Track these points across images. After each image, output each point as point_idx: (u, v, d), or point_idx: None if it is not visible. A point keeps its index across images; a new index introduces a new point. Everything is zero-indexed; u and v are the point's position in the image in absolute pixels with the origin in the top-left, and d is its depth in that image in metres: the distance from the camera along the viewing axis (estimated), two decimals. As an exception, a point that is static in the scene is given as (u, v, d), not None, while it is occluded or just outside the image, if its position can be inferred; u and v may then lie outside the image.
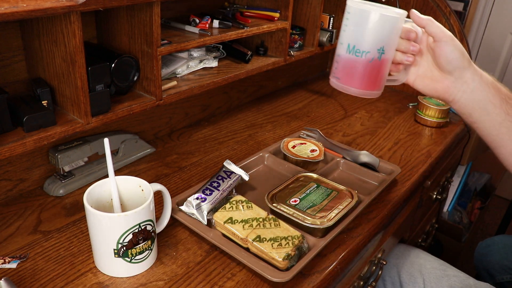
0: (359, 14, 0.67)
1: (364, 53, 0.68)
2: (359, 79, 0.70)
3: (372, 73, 0.70)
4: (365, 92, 0.71)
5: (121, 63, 0.80)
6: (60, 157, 0.84)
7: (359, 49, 0.68)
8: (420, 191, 1.15)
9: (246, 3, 1.18)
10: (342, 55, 0.70)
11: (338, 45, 0.71)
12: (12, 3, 0.59)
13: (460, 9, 2.42)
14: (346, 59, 0.70)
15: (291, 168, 0.96)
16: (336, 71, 0.72)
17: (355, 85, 0.71)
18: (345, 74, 0.71)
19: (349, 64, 0.70)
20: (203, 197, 0.79)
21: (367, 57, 0.68)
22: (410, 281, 1.08)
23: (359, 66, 0.69)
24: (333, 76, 0.73)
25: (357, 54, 0.68)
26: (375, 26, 0.68)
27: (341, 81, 0.71)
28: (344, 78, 0.71)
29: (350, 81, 0.71)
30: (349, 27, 0.69)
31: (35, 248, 0.71)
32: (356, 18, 0.68)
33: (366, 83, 0.71)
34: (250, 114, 1.28)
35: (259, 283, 0.68)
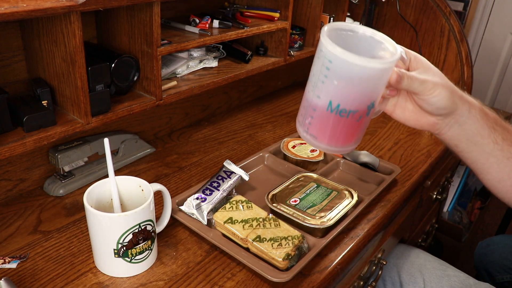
0: (346, 67, 0.51)
1: (351, 113, 0.55)
2: (343, 138, 0.58)
3: (358, 130, 0.58)
4: (347, 148, 0.59)
5: (121, 63, 0.80)
6: (60, 157, 0.84)
7: (344, 108, 0.54)
8: (420, 191, 1.15)
9: (246, 3, 1.18)
10: (320, 112, 0.55)
11: (313, 96, 0.56)
12: (12, 3, 0.59)
13: (460, 9, 2.42)
14: (325, 118, 0.55)
15: (291, 168, 0.96)
16: (310, 127, 0.57)
17: (336, 144, 0.58)
18: (323, 133, 0.57)
19: (329, 123, 0.56)
20: (203, 197, 0.79)
21: (354, 116, 0.55)
22: (410, 281, 1.08)
23: (343, 126, 0.56)
24: (306, 132, 0.58)
25: (342, 115, 0.54)
26: (367, 83, 0.54)
27: (318, 140, 0.58)
28: (322, 137, 0.57)
29: (330, 140, 0.57)
30: (331, 80, 0.53)
31: (35, 248, 0.71)
32: (341, 72, 0.52)
33: (350, 140, 0.58)
34: (250, 114, 1.28)
35: (259, 283, 0.68)
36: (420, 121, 0.63)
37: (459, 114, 0.62)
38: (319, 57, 0.54)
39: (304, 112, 0.58)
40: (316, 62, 0.55)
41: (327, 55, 0.52)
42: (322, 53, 0.53)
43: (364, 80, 0.53)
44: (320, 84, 0.54)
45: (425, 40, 1.46)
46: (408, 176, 1.00)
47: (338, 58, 0.51)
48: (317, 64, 0.54)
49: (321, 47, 0.53)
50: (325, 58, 0.52)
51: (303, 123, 0.59)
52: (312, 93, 0.56)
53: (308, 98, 0.57)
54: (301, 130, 0.59)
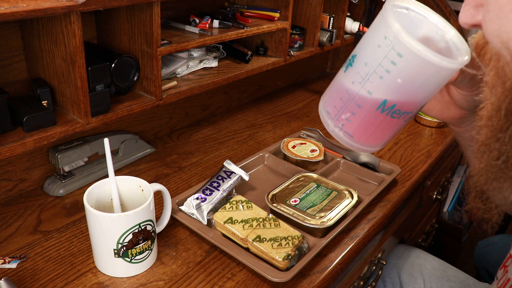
0: (420, 66, 0.43)
1: (404, 114, 0.48)
2: (380, 138, 0.51)
3: (399, 130, 0.52)
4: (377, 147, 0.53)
5: (121, 63, 0.80)
6: (60, 157, 0.84)
7: (400, 110, 0.47)
8: (420, 191, 1.15)
9: (246, 3, 1.18)
10: (367, 110, 0.47)
11: (360, 90, 0.47)
12: (12, 3, 0.59)
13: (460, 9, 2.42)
14: (372, 118, 0.48)
15: (291, 168, 0.96)
16: (347, 124, 0.49)
17: (371, 143, 0.51)
18: (364, 133, 0.50)
19: (375, 123, 0.48)
20: (203, 197, 0.79)
21: (406, 117, 0.48)
22: (410, 281, 1.08)
23: (389, 127, 0.49)
24: (340, 128, 0.50)
25: (394, 116, 0.47)
26: (436, 82, 0.46)
27: (354, 139, 0.50)
28: (361, 137, 0.50)
29: (367, 140, 0.50)
30: (394, 78, 0.44)
31: (35, 248, 0.71)
32: (411, 70, 0.44)
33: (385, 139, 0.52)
34: (250, 114, 1.28)
35: (259, 283, 0.68)
36: (445, 113, 0.60)
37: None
38: (380, 45, 0.44)
39: (340, 105, 0.49)
40: (375, 51, 0.45)
41: (398, 47, 0.43)
42: (388, 42, 0.43)
43: (434, 80, 0.45)
44: (377, 78, 0.45)
45: (425, 40, 1.45)
46: (408, 176, 1.00)
47: (414, 55, 0.42)
48: (376, 53, 0.44)
49: (387, 34, 0.43)
50: (392, 50, 0.43)
51: (336, 117, 0.50)
52: (359, 86, 0.46)
53: (350, 90, 0.47)
54: (332, 124, 0.50)
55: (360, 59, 0.47)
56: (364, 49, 0.47)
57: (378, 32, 0.44)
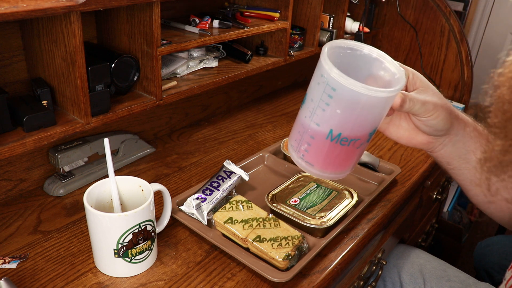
0: (352, 96, 0.48)
1: (352, 141, 0.52)
2: (339, 165, 0.56)
3: (357, 157, 0.57)
4: (342, 174, 0.57)
5: (121, 63, 0.80)
6: (60, 157, 0.84)
7: (346, 137, 0.52)
8: (420, 191, 1.15)
9: (246, 3, 1.18)
10: (318, 140, 0.53)
11: (310, 123, 0.53)
12: (12, 3, 0.59)
13: (460, 9, 2.42)
14: (324, 146, 0.53)
15: (291, 168, 0.96)
16: (306, 154, 0.55)
17: (332, 170, 0.56)
18: (321, 161, 0.55)
19: (328, 151, 0.53)
20: (203, 197, 0.79)
21: (356, 144, 0.53)
22: (410, 281, 1.08)
23: (343, 154, 0.54)
24: (301, 158, 0.55)
25: (343, 143, 0.52)
26: (372, 111, 0.51)
27: (314, 167, 0.55)
28: (319, 165, 0.55)
29: (326, 167, 0.55)
30: (333, 109, 0.50)
31: (35, 248, 0.71)
32: (346, 101, 0.49)
33: (347, 166, 0.57)
34: (250, 114, 1.28)
35: (259, 283, 0.68)
36: (413, 140, 0.63)
37: (454, 133, 0.62)
38: (319, 82, 0.50)
39: (299, 138, 0.55)
40: (315, 88, 0.51)
41: (331, 82, 0.48)
42: (324, 79, 0.49)
43: (370, 108, 0.51)
44: (320, 111, 0.51)
45: (425, 40, 1.46)
46: (408, 176, 1.00)
47: (344, 87, 0.47)
48: (316, 90, 0.51)
49: (323, 72, 0.49)
50: (327, 85, 0.49)
51: (297, 149, 0.55)
52: (309, 119, 0.52)
53: (304, 124, 0.54)
54: (295, 156, 0.56)
55: (308, 96, 0.53)
56: (311, 87, 0.53)
57: (318, 72, 0.51)
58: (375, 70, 0.55)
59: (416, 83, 0.58)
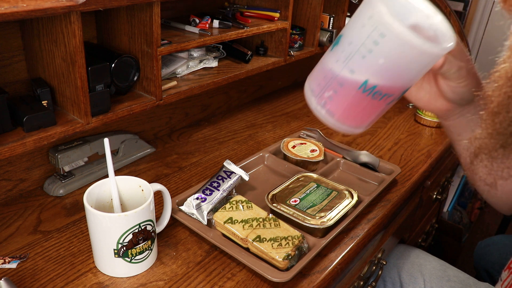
0: (402, 48, 0.43)
1: (385, 96, 0.47)
2: (361, 119, 0.51)
3: (381, 113, 0.52)
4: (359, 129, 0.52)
5: (121, 63, 0.80)
6: (60, 157, 0.84)
7: (380, 91, 0.46)
8: (420, 191, 1.15)
9: (246, 3, 1.18)
10: (348, 89, 0.47)
11: (343, 69, 0.47)
12: (12, 3, 0.59)
13: (460, 9, 2.42)
14: (353, 97, 0.48)
15: (291, 168, 0.96)
16: (329, 102, 0.49)
17: (351, 123, 0.51)
18: (344, 112, 0.49)
19: (356, 103, 0.48)
20: (203, 197, 0.79)
21: (387, 100, 0.48)
22: (410, 281, 1.08)
23: (370, 108, 0.49)
24: (322, 106, 0.50)
25: (375, 97, 0.47)
26: (418, 67, 0.46)
27: (335, 118, 0.50)
28: (341, 115, 0.50)
29: (348, 119, 0.50)
30: (376, 58, 0.44)
31: (35, 248, 0.71)
32: (393, 51, 0.44)
33: (366, 121, 0.52)
34: (250, 114, 1.28)
35: (259, 283, 0.68)
36: (432, 104, 0.59)
37: (474, 105, 0.59)
38: (365, 25, 0.44)
39: (323, 83, 0.49)
40: (359, 30, 0.45)
41: (381, 27, 0.43)
42: (373, 22, 0.43)
43: (417, 63, 0.45)
44: (359, 58, 0.45)
45: (425, 40, 1.45)
46: (408, 176, 1.00)
47: (396, 36, 0.42)
48: (359, 33, 0.45)
49: (372, 14, 0.43)
50: (375, 30, 0.43)
51: (319, 95, 0.50)
52: (342, 65, 0.46)
53: (334, 69, 0.47)
54: (315, 102, 0.50)
55: (345, 39, 0.47)
56: (350, 29, 0.47)
57: (364, 12, 0.45)
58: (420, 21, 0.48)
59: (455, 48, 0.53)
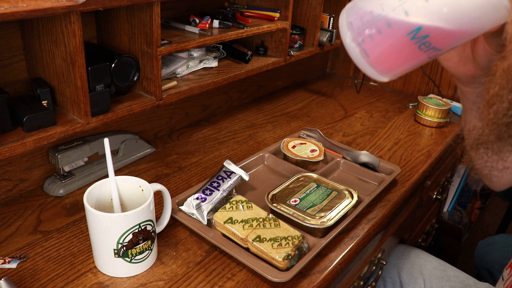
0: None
1: (433, 49, 0.44)
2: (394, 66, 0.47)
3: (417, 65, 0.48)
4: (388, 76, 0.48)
5: (121, 63, 0.80)
6: (60, 157, 0.84)
7: (430, 42, 0.43)
8: (420, 191, 1.15)
9: (246, 3, 1.18)
10: (395, 32, 0.43)
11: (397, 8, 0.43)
12: (12, 3, 0.59)
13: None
14: (398, 41, 0.44)
15: (291, 168, 0.96)
16: (369, 41, 0.45)
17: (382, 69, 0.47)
18: (381, 56, 0.45)
19: (397, 49, 0.44)
20: (203, 197, 0.79)
21: (432, 53, 0.45)
22: (410, 281, 1.08)
23: (411, 57, 0.45)
24: (358, 43, 0.45)
25: (422, 48, 0.44)
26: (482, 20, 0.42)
27: (369, 60, 0.46)
28: (376, 59, 0.46)
29: (381, 64, 0.46)
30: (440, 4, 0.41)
31: (35, 248, 0.71)
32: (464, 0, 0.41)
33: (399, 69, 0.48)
34: (250, 114, 1.28)
35: (259, 283, 0.68)
36: (460, 67, 0.57)
37: None
38: None
39: (367, 18, 0.44)
40: None
41: None
42: None
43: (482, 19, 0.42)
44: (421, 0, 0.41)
45: (425, 40, 1.45)
46: (408, 176, 1.00)
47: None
48: None
49: None
50: None
51: (359, 31, 0.45)
52: (398, 3, 0.42)
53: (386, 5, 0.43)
54: (351, 36, 0.46)
55: None
56: None
57: None
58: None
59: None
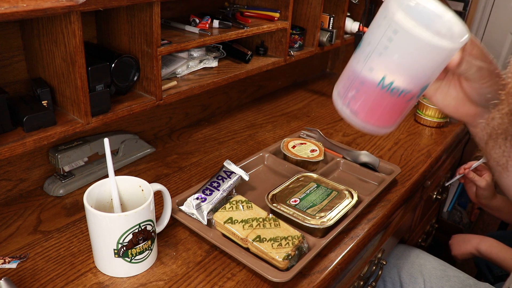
0: (413, 42, 0.46)
1: (403, 92, 0.50)
2: (385, 118, 0.53)
3: (404, 112, 0.54)
4: (385, 129, 0.55)
5: (121, 63, 0.80)
6: (60, 157, 0.84)
7: (398, 87, 0.49)
8: (420, 191, 1.15)
9: (246, 3, 1.18)
10: (368, 87, 0.51)
11: (363, 68, 0.50)
12: (12, 3, 0.59)
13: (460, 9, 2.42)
14: (373, 94, 0.51)
15: (291, 168, 0.96)
16: (353, 101, 0.52)
17: (376, 123, 0.53)
18: (367, 110, 0.52)
19: (376, 100, 0.51)
20: (203, 197, 0.79)
21: (406, 97, 0.50)
22: (410, 281, 1.08)
23: (391, 106, 0.52)
24: (346, 105, 0.53)
25: (394, 93, 0.50)
26: (431, 62, 0.49)
27: (359, 117, 0.53)
28: (364, 114, 0.53)
29: (372, 118, 0.53)
30: (391, 54, 0.48)
31: (35, 248, 0.71)
32: (406, 46, 0.47)
33: (391, 121, 0.54)
34: (250, 114, 1.28)
35: (259, 283, 0.68)
36: (460, 110, 0.59)
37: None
38: (380, 25, 0.48)
39: (347, 84, 0.52)
40: (375, 31, 0.49)
41: (393, 24, 0.46)
42: (387, 21, 0.47)
43: (429, 58, 0.48)
44: (376, 55, 0.49)
45: (425, 40, 1.45)
46: (408, 176, 1.00)
47: (406, 31, 0.46)
48: (376, 33, 0.49)
49: (387, 13, 0.47)
50: (389, 27, 0.47)
51: (344, 96, 0.53)
52: (363, 64, 0.50)
53: (356, 69, 0.51)
54: (340, 103, 0.54)
55: (365, 40, 0.51)
56: (369, 31, 0.51)
57: (380, 14, 0.49)
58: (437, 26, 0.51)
59: (474, 49, 0.55)
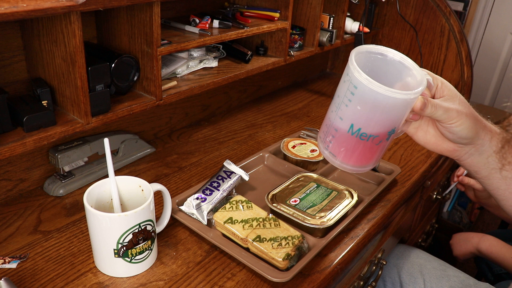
0: (370, 95, 0.53)
1: (371, 137, 0.57)
2: (361, 159, 0.60)
3: (377, 153, 0.61)
4: (364, 168, 0.62)
5: (121, 63, 0.80)
6: (60, 157, 0.84)
7: (365, 133, 0.57)
8: (420, 191, 1.15)
9: (246, 3, 1.18)
10: (341, 133, 0.58)
11: (335, 117, 0.58)
12: (12, 3, 0.59)
13: (460, 9, 2.43)
14: (346, 139, 0.58)
15: (291, 168, 0.96)
16: (330, 145, 0.60)
17: (354, 164, 0.61)
18: (343, 153, 0.60)
19: (350, 144, 0.59)
20: (203, 197, 0.79)
21: (374, 140, 0.58)
22: (410, 281, 1.08)
23: (362, 149, 0.59)
24: (326, 149, 0.62)
25: (363, 138, 0.57)
26: (389, 111, 0.55)
27: (337, 158, 0.61)
28: (341, 157, 0.60)
29: (350, 160, 0.60)
30: (354, 105, 0.55)
31: (35, 248, 0.71)
32: (365, 98, 0.54)
33: (368, 161, 0.61)
34: (250, 114, 1.28)
35: (259, 283, 0.68)
36: (440, 146, 0.64)
37: (480, 143, 0.62)
38: (345, 80, 0.56)
39: (326, 130, 0.61)
40: (342, 85, 0.56)
41: (353, 80, 0.54)
42: (348, 77, 0.54)
43: (387, 108, 0.55)
44: (344, 107, 0.56)
45: (425, 40, 1.46)
46: (408, 176, 1.00)
47: (363, 85, 0.53)
48: (342, 87, 0.56)
49: (348, 71, 0.55)
50: (350, 83, 0.54)
51: (324, 140, 0.61)
52: (335, 114, 0.58)
53: (330, 118, 0.59)
54: (322, 146, 0.62)
55: (336, 92, 0.59)
56: (339, 84, 0.58)
57: (345, 71, 0.56)
58: (404, 76, 0.58)
59: (444, 92, 0.59)
